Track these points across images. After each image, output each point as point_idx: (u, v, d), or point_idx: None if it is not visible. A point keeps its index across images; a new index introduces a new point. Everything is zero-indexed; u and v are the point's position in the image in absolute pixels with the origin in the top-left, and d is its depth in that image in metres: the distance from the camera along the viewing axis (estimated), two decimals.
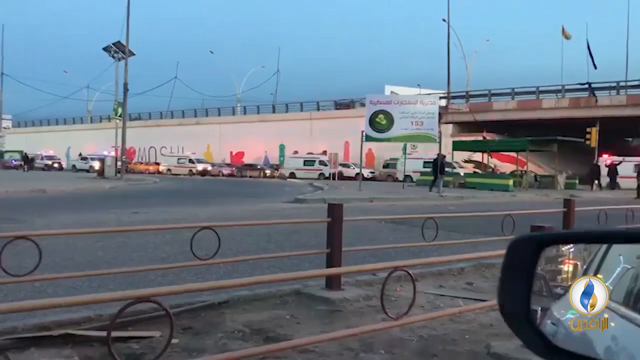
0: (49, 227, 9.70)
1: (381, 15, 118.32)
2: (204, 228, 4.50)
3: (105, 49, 39.48)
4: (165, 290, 2.35)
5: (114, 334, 3.48)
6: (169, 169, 52.39)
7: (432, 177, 26.57)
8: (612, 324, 1.08)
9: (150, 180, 35.25)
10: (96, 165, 38.67)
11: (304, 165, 46.33)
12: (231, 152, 57.92)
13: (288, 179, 43.84)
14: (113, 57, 39.10)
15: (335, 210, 5.15)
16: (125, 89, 35.04)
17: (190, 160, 51.95)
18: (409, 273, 3.12)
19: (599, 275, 1.25)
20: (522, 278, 0.84)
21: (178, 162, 52.57)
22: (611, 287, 1.19)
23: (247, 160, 54.47)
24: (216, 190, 25.83)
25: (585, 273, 1.39)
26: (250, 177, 46.71)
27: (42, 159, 58.02)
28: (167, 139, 61.67)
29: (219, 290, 4.73)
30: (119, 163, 35.17)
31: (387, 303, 3.92)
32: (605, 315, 1.16)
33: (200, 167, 50.88)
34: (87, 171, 45.31)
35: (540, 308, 1.29)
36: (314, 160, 46.06)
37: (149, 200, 18.37)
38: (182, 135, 60.12)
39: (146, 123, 67.02)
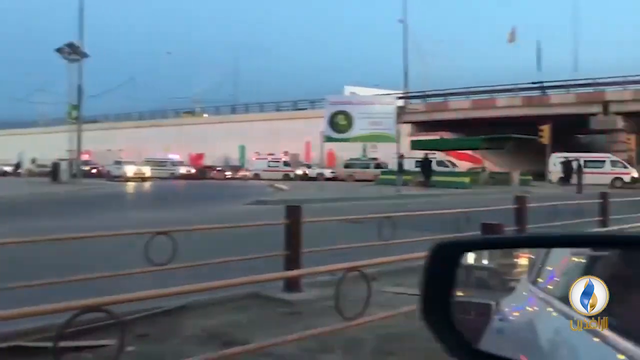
0: (2, 235, 9.38)
1: (339, 16, 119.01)
2: (160, 233, 4.45)
3: (59, 50, 38.40)
4: (114, 299, 2.32)
5: (66, 344, 3.41)
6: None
7: (394, 177, 26.98)
8: (551, 321, 1.12)
9: (108, 184, 34.46)
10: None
11: (269, 167, 46.04)
12: (190, 154, 57.20)
13: (250, 180, 43.58)
14: (67, 58, 38.06)
15: (293, 212, 5.17)
16: (80, 91, 34.17)
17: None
18: (363, 273, 3.17)
19: (542, 274, 1.30)
20: (442, 283, 0.87)
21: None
22: (551, 287, 1.24)
23: (207, 161, 53.88)
24: (175, 194, 25.47)
25: (532, 267, 1.43)
26: (211, 178, 46.21)
27: None
28: (124, 141, 60.42)
29: (177, 296, 4.69)
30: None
31: (345, 303, 3.97)
32: (548, 310, 1.20)
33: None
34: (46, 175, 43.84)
35: (495, 303, 1.32)
36: (278, 162, 45.69)
37: (103, 205, 17.97)
38: (140, 138, 59.03)
39: (103, 126, 65.51)
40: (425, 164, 28.38)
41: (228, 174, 48.44)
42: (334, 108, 28.03)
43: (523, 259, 1.41)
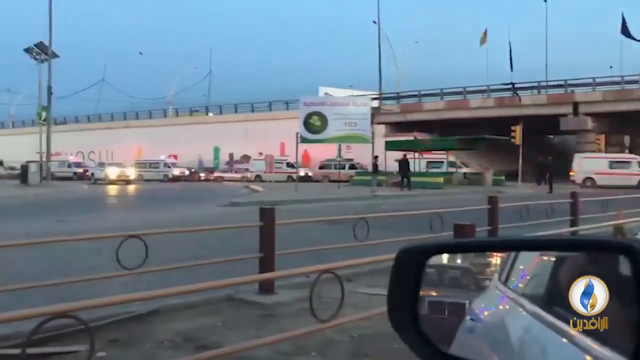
0: None
1: (313, 17, 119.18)
2: (131, 237, 4.38)
3: (27, 50, 37.61)
4: (82, 305, 2.28)
5: (35, 350, 3.33)
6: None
7: (369, 178, 27.12)
8: (521, 320, 1.13)
9: (77, 186, 33.86)
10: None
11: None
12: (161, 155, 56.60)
13: (224, 182, 43.25)
14: (35, 58, 37.29)
15: (267, 214, 5.15)
16: (50, 92, 33.52)
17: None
18: (337, 275, 3.16)
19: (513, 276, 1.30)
20: (408, 287, 0.87)
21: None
22: (521, 286, 1.25)
23: (180, 163, 53.37)
24: (148, 196, 25.15)
25: (502, 268, 1.44)
26: (184, 180, 45.75)
27: None
28: (96, 143, 59.49)
29: (149, 300, 4.62)
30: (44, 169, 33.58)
31: (320, 305, 3.96)
32: (518, 310, 1.21)
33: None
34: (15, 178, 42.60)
35: (468, 302, 1.33)
36: (282, 163, 43.11)
37: (75, 208, 17.65)
38: (112, 140, 58.19)
39: (73, 127, 64.41)
40: (403, 165, 28.56)
41: (202, 175, 48.03)
42: (309, 109, 28.05)
43: (496, 259, 1.42)
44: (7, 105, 73.53)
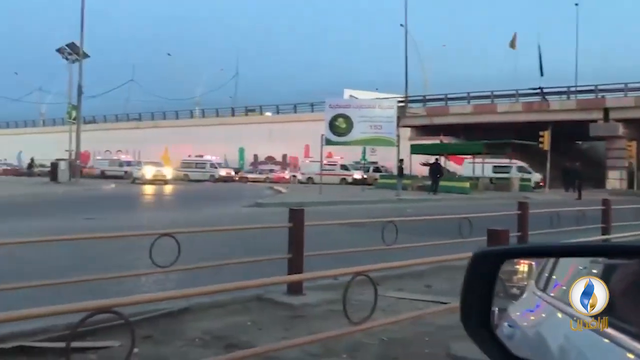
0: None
1: (340, 20, 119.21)
2: (164, 235, 4.44)
3: (59, 50, 38.41)
4: (126, 301, 2.31)
5: (75, 344, 3.39)
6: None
7: (394, 181, 27.01)
8: (561, 327, 1.11)
9: (106, 184, 34.43)
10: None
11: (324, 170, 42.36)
12: (190, 156, 57.22)
13: (248, 182, 43.52)
14: (67, 58, 38.06)
15: (296, 216, 5.17)
16: (80, 92, 34.17)
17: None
18: (370, 278, 3.16)
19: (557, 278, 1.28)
20: (482, 291, 0.86)
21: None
22: (561, 292, 1.23)
23: None
24: (175, 195, 25.43)
25: (540, 274, 1.43)
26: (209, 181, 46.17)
27: None
28: (124, 142, 60.42)
29: (181, 298, 4.67)
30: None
31: (348, 307, 3.95)
32: (559, 316, 1.19)
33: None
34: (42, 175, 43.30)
35: (497, 309, 1.32)
36: (335, 165, 41.19)
37: (104, 206, 17.94)
38: (139, 139, 59.03)
39: (102, 126, 65.54)
40: (434, 169, 28.43)
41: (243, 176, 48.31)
42: (334, 111, 28.02)
43: (524, 266, 1.40)
44: (38, 104, 75.16)
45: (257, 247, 8.31)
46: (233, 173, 47.43)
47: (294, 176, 44.45)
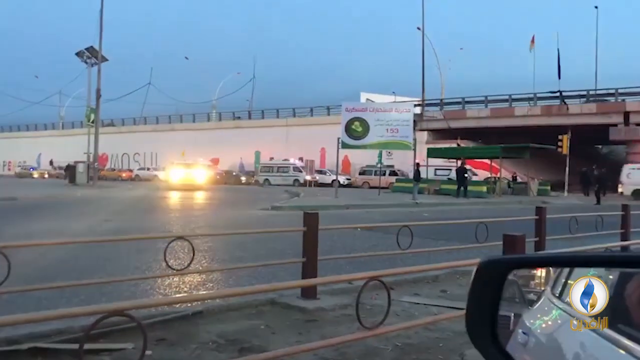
0: (18, 237, 9.49)
1: (357, 23, 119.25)
2: (178, 238, 4.46)
3: (78, 54, 38.94)
4: (139, 304, 2.32)
5: (89, 346, 3.42)
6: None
7: (410, 185, 26.92)
8: (577, 335, 1.09)
9: (123, 187, 34.77)
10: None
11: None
12: (271, 159, 57.48)
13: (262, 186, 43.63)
14: (86, 62, 38.57)
15: (310, 219, 5.15)
16: (98, 95, 34.60)
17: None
18: (383, 283, 3.14)
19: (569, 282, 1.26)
20: (488, 300, 0.84)
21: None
22: (578, 300, 1.21)
23: (222, 166, 54.17)
24: (190, 197, 25.56)
25: (556, 281, 1.40)
26: (225, 184, 46.38)
27: None
28: (141, 145, 61.00)
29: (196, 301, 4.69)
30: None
31: (362, 312, 3.92)
32: (574, 323, 1.17)
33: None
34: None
35: (513, 315, 1.30)
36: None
37: (120, 208, 18.12)
38: (156, 142, 59.55)
39: (119, 129, 66.25)
40: (460, 173, 28.37)
41: (243, 179, 48.57)
42: (350, 115, 28.02)
43: (541, 271, 1.38)
44: (57, 107, 76.23)
45: (274, 251, 8.33)
46: (317, 178, 42.36)
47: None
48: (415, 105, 39.69)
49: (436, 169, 37.31)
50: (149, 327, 4.10)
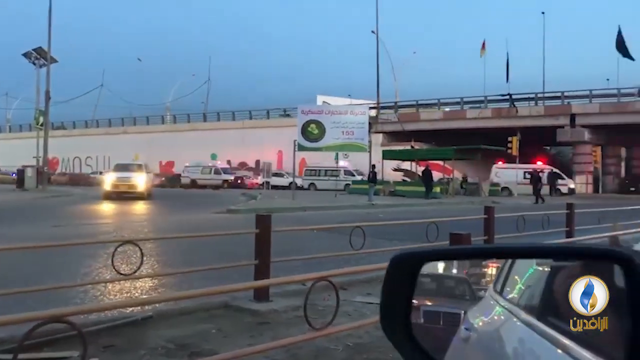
0: None
1: (313, 27, 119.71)
2: (127, 242, 4.37)
3: (26, 55, 37.66)
4: (78, 309, 2.27)
5: (27, 356, 3.32)
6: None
7: (366, 186, 27.16)
8: (516, 331, 1.12)
9: (74, 191, 33.75)
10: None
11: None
12: (161, 162, 56.54)
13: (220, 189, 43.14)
14: (34, 63, 37.35)
15: (262, 221, 5.15)
16: (47, 97, 33.52)
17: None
18: (332, 283, 3.16)
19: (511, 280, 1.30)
20: (402, 295, 0.86)
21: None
22: (516, 296, 1.24)
23: (177, 170, 53.31)
24: (133, 204, 24.97)
25: (498, 277, 1.44)
26: (180, 187, 45.60)
27: None
28: (93, 148, 59.43)
29: (144, 306, 4.60)
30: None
31: (314, 313, 3.96)
32: (512, 319, 1.21)
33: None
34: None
35: (463, 312, 1.33)
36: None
37: (69, 213, 17.61)
38: (109, 145, 58.13)
39: (70, 132, 64.43)
40: (425, 175, 28.92)
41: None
42: (306, 117, 28.13)
43: (492, 269, 1.42)
44: (4, 110, 73.46)
45: (227, 254, 8.26)
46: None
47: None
48: (370, 108, 40.10)
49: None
50: (96, 334, 4.01)
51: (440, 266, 1.24)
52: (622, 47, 41.16)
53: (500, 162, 36.03)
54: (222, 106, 62.16)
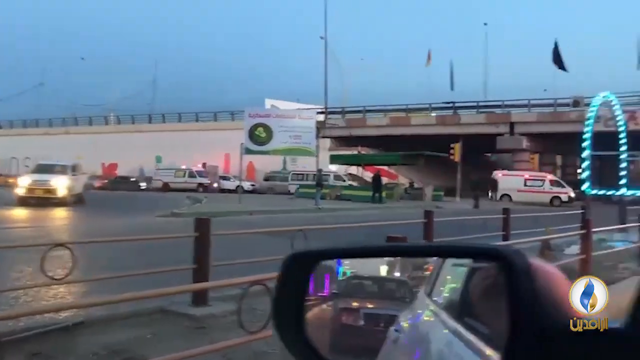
0: None
1: (262, 31, 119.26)
2: (58, 245, 4.24)
3: None
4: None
5: None
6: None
7: (313, 190, 27.29)
8: (441, 333, 1.15)
9: (7, 193, 32.21)
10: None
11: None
12: (103, 164, 54.92)
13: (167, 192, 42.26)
14: None
15: (202, 225, 5.10)
16: None
17: None
18: (267, 287, 3.17)
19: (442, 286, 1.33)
20: (295, 294, 0.84)
21: None
22: (438, 298, 1.28)
23: (121, 172, 51.92)
24: (87, 203, 24.24)
25: (428, 280, 1.48)
26: (124, 190, 44.34)
27: None
28: (32, 149, 57.01)
29: (76, 311, 4.46)
30: None
31: (252, 317, 3.94)
32: (439, 321, 1.23)
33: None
34: None
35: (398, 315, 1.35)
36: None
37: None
38: (49, 146, 55.94)
39: (7, 132, 61.69)
40: (376, 180, 29.27)
41: (143, 185, 46.61)
42: (254, 121, 28.02)
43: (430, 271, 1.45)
44: None
45: (167, 259, 8.09)
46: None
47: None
48: (318, 113, 40.32)
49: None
50: (25, 340, 3.86)
51: (383, 268, 1.26)
52: (558, 59, 43.05)
53: (497, 171, 36.80)
54: (171, 109, 60.84)
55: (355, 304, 1.25)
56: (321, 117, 43.79)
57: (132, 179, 47.85)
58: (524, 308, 0.68)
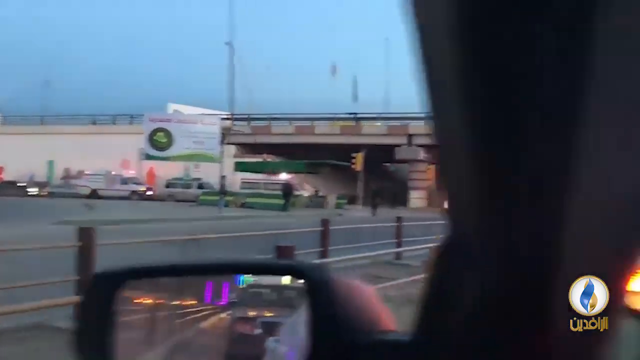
0: None
1: (169, 38, 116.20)
2: None
3: None
4: None
5: None
6: None
7: (217, 198, 26.89)
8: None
9: None
10: None
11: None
12: None
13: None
14: None
15: (85, 234, 4.88)
16: None
17: None
18: None
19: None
20: (100, 316, 0.79)
21: None
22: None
23: (7, 177, 48.25)
24: None
25: None
26: (10, 196, 41.17)
27: None
28: None
29: None
30: None
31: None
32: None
33: None
34: None
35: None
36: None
37: None
38: None
39: None
40: (286, 189, 29.28)
41: (33, 191, 43.52)
42: (154, 125, 27.25)
43: None
44: None
45: (52, 270, 7.64)
46: None
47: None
48: (223, 119, 39.86)
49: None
50: None
51: (286, 277, 1.27)
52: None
53: None
54: (65, 110, 57.46)
55: (252, 313, 1.27)
56: (227, 124, 43.37)
57: (19, 184, 44.58)
58: (323, 323, 0.71)
